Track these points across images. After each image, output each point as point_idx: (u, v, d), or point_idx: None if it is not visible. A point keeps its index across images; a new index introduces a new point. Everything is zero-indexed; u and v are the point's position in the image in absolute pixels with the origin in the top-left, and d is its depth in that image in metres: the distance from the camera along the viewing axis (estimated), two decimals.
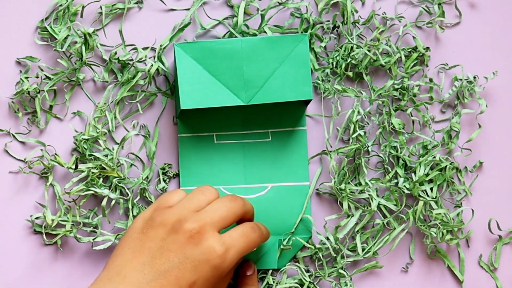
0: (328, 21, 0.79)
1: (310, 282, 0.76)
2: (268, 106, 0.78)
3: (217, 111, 0.78)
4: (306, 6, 0.78)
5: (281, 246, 0.76)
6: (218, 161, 0.78)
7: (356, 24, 0.79)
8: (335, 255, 0.76)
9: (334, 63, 0.78)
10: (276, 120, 0.78)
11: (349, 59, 0.77)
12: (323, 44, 0.78)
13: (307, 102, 0.77)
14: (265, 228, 0.71)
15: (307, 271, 0.77)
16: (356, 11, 0.78)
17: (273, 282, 0.77)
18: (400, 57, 0.78)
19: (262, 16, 0.77)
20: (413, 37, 0.79)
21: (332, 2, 0.78)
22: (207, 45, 0.73)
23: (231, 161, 0.78)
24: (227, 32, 0.78)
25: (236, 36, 0.77)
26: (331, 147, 0.78)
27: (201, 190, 0.69)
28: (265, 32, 0.78)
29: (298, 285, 0.76)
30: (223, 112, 0.78)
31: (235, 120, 0.78)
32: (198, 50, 0.73)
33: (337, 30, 0.79)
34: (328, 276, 0.76)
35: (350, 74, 0.77)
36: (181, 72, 0.73)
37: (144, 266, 0.64)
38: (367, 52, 0.76)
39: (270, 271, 0.77)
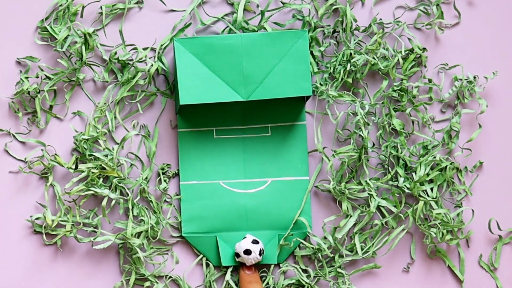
0: (329, 25, 0.78)
1: (308, 283, 0.76)
2: (267, 101, 0.78)
3: (216, 106, 0.78)
4: (309, 10, 0.78)
5: (280, 243, 0.76)
6: (218, 156, 0.78)
7: (355, 31, 0.78)
8: (332, 255, 0.76)
9: (332, 68, 0.78)
10: (276, 115, 0.78)
11: (348, 65, 0.76)
12: (322, 49, 0.78)
13: (306, 98, 0.77)
14: None
15: (305, 271, 0.77)
16: (355, 20, 0.78)
17: (272, 280, 0.77)
18: (398, 60, 0.78)
19: (262, 13, 0.77)
20: (409, 39, 0.78)
21: (333, 8, 0.78)
22: (206, 41, 0.73)
23: (231, 156, 0.78)
24: (226, 28, 0.78)
25: (235, 33, 0.77)
26: (332, 151, 0.78)
27: None
28: (264, 28, 0.78)
29: (298, 285, 0.76)
30: (223, 107, 0.78)
31: (234, 115, 0.78)
32: (198, 46, 0.73)
33: (336, 37, 0.79)
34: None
35: (350, 80, 0.77)
36: (180, 68, 0.73)
37: None
38: (369, 57, 0.76)
39: (272, 268, 0.77)
